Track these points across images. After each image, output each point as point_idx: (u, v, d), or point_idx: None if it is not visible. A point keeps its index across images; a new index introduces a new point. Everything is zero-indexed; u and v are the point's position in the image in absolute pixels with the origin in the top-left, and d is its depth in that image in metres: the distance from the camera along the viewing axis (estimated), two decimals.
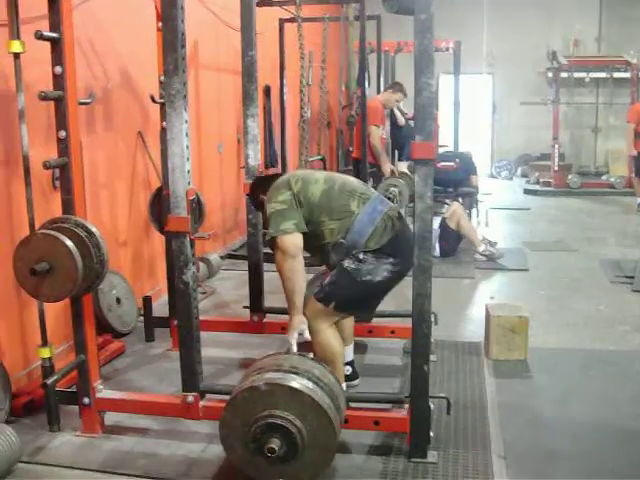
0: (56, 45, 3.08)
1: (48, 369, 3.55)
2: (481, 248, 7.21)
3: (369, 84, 8.01)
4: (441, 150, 9.95)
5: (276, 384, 2.86)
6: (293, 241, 3.40)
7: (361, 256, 3.48)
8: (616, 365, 4.41)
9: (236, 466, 2.99)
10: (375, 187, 6.97)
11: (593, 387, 4.08)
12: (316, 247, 3.60)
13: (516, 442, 3.43)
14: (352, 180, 3.78)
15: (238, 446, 2.92)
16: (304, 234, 3.46)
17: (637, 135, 10.08)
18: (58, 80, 3.13)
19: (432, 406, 3.18)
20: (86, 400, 3.46)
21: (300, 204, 3.50)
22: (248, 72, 4.35)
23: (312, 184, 3.56)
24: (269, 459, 2.82)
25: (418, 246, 2.96)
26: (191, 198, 3.11)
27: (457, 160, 8.39)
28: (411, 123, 8.75)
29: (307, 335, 3.40)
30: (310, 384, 2.89)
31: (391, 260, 3.51)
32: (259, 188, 3.81)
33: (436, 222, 7.52)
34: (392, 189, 7.08)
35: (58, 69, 3.11)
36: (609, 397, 3.94)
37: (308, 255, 3.59)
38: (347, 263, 3.50)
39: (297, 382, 2.87)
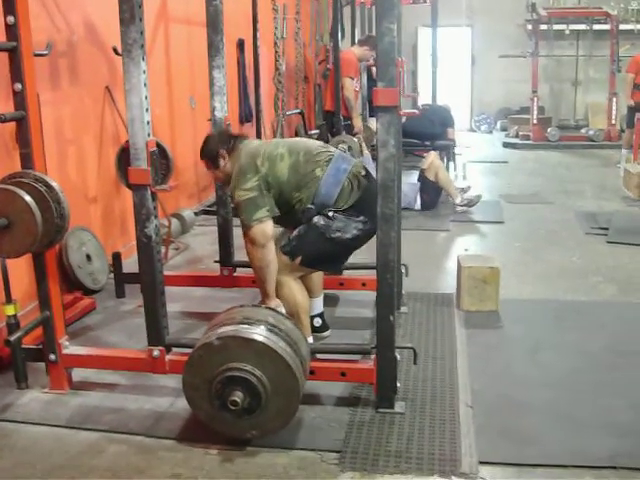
0: None
1: (13, 326, 3.49)
2: (458, 199, 7.21)
3: (342, 37, 7.92)
4: (419, 104, 9.89)
5: (228, 337, 2.85)
6: (262, 230, 3.41)
7: (331, 214, 3.49)
8: (588, 315, 4.42)
9: (206, 423, 2.98)
10: None
11: (565, 337, 4.09)
12: (287, 219, 3.60)
13: (485, 392, 3.44)
14: (312, 144, 3.75)
15: (203, 404, 2.92)
16: None
17: (636, 86, 9.95)
18: (11, 30, 3.04)
19: (398, 357, 3.18)
20: (52, 356, 3.43)
21: (269, 185, 3.47)
22: (213, 22, 4.24)
23: (278, 162, 3.52)
24: (235, 412, 2.82)
25: (381, 195, 2.92)
26: (151, 150, 3.05)
27: (421, 108, 8.28)
28: None
29: (282, 311, 3.39)
30: (264, 332, 2.88)
31: (361, 218, 3.51)
32: (220, 143, 3.68)
33: (415, 176, 7.52)
34: (341, 146, 7.01)
35: (10, 19, 3.01)
36: (581, 347, 3.94)
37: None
38: (316, 219, 3.51)
39: (249, 332, 2.87)
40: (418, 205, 7.29)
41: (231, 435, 2.97)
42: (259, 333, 2.87)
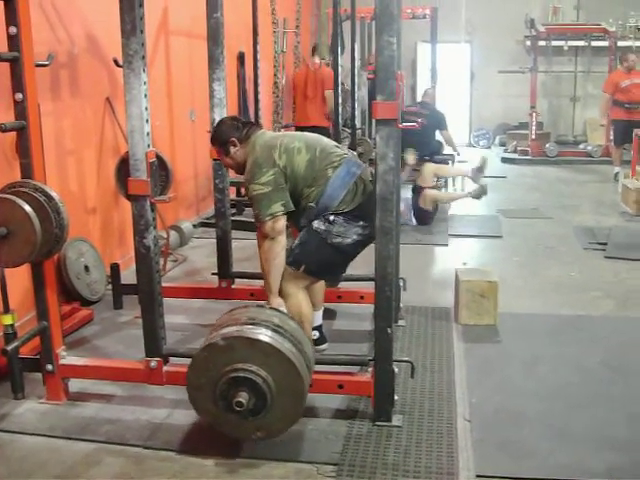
0: (9, 4, 3.00)
1: (10, 336, 3.48)
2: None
3: (342, 51, 7.93)
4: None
5: (233, 337, 2.85)
6: (274, 225, 3.40)
7: (331, 218, 3.47)
8: (586, 330, 4.42)
9: (210, 425, 2.98)
10: None
11: (562, 352, 4.09)
12: (291, 214, 3.55)
13: (482, 406, 3.43)
14: (327, 141, 3.72)
15: (208, 406, 2.91)
16: None
17: (616, 103, 10.01)
18: (13, 41, 3.06)
19: (396, 370, 3.17)
20: (49, 367, 3.42)
21: (286, 179, 3.45)
22: (213, 35, 4.27)
23: (296, 155, 3.49)
24: (240, 413, 2.81)
25: (380, 208, 2.94)
26: (151, 161, 3.06)
27: (420, 120, 8.27)
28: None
29: (284, 310, 3.39)
30: (269, 332, 2.88)
31: (361, 223, 3.49)
32: (232, 130, 3.64)
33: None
34: None
35: (13, 29, 3.04)
36: (578, 361, 3.94)
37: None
38: (317, 224, 3.50)
39: (255, 332, 2.86)
40: (413, 221, 7.32)
41: (236, 436, 2.97)
42: (264, 333, 2.86)
